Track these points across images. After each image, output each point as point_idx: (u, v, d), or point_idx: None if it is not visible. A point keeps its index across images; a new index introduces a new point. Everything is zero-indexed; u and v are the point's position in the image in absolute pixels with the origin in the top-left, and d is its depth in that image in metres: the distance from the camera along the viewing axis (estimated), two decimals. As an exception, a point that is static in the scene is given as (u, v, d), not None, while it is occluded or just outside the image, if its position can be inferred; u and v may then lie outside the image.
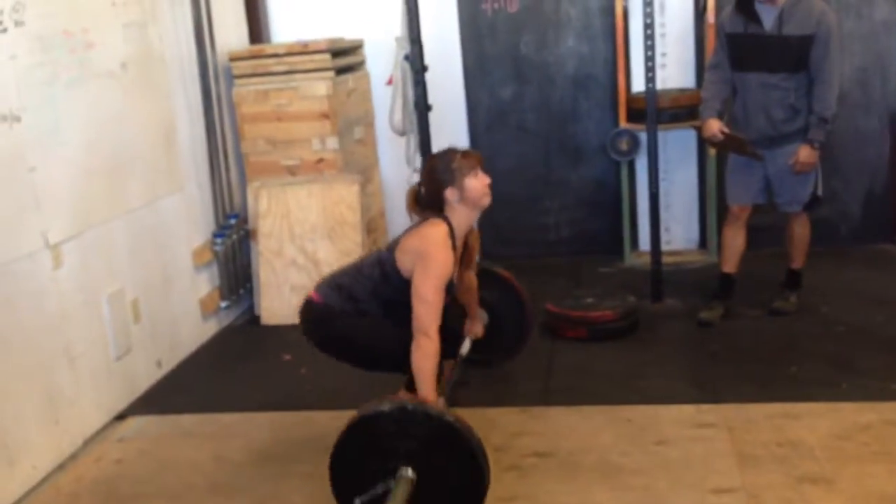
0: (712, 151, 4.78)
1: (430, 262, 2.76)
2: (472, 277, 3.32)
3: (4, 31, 3.09)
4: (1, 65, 3.07)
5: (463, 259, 3.06)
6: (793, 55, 3.84)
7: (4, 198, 3.09)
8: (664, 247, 4.61)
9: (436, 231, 2.83)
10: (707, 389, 3.53)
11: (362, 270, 3.00)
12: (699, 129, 4.22)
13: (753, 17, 3.89)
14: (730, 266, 4.26)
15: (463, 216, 2.90)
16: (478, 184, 2.87)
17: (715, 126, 4.03)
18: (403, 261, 2.86)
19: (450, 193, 2.85)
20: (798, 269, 4.24)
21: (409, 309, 2.79)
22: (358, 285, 2.95)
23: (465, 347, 3.34)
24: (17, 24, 3.16)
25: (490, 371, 3.83)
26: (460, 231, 2.92)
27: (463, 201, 2.87)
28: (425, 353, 2.70)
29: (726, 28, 4.02)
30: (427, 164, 3.00)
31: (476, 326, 3.43)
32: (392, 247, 2.94)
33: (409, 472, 2.48)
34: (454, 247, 2.87)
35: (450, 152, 2.92)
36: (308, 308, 3.02)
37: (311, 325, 3.03)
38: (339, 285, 2.99)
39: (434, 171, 2.89)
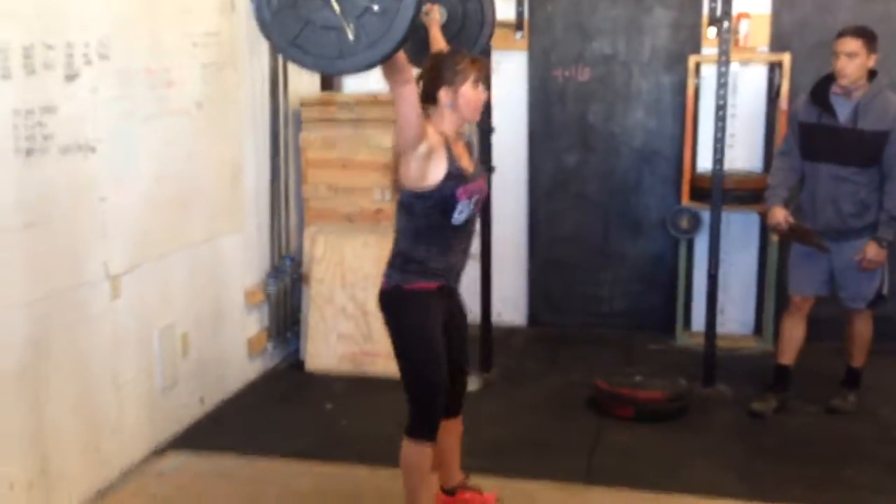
0: (775, 238, 4.70)
1: None
2: None
3: (89, 63, 3.18)
4: (82, 97, 3.15)
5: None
6: (867, 150, 3.79)
7: (74, 225, 3.15)
8: (718, 329, 4.51)
9: None
10: (755, 486, 3.41)
11: (398, 227, 2.80)
12: (764, 215, 4.15)
13: (828, 109, 3.85)
14: (787, 357, 4.15)
15: (449, 123, 2.71)
16: (474, 95, 2.70)
17: (780, 215, 3.98)
18: (408, 177, 2.64)
19: (444, 94, 2.67)
20: (858, 368, 4.11)
21: (449, 227, 2.69)
22: (402, 242, 2.77)
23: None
24: (102, 57, 3.25)
25: (534, 439, 3.77)
26: (447, 133, 2.71)
27: (454, 107, 2.68)
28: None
29: (800, 116, 3.98)
30: (433, 55, 2.78)
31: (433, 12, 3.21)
32: (398, 187, 2.77)
33: None
34: (444, 138, 2.68)
35: (459, 53, 2.77)
36: (381, 298, 2.82)
37: (387, 316, 2.82)
38: (392, 258, 2.81)
39: (437, 67, 2.70)
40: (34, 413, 3.02)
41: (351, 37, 2.19)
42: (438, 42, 3.15)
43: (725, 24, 4.17)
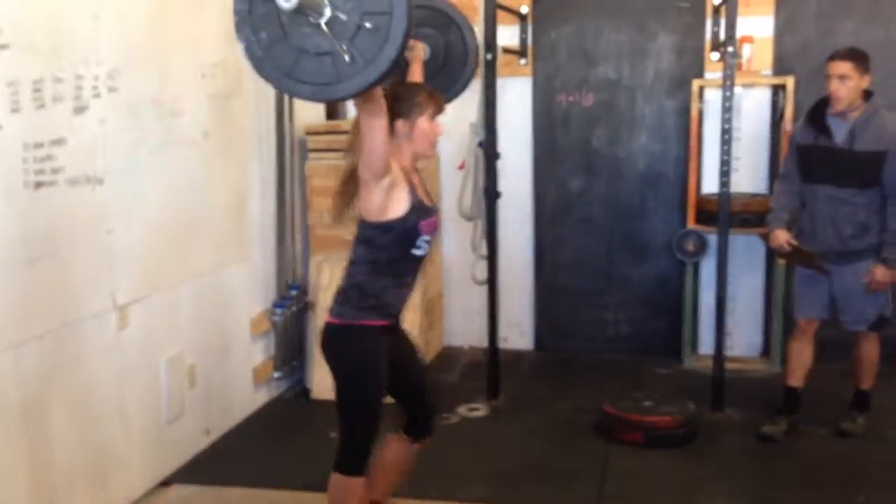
0: (781, 261, 4.70)
1: None
2: None
3: (97, 95, 3.19)
4: (90, 129, 3.16)
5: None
6: (864, 171, 3.78)
7: (82, 258, 3.15)
8: (726, 352, 4.48)
9: None
10: (769, 511, 3.39)
11: (354, 258, 2.75)
12: (766, 238, 4.15)
13: (824, 130, 3.86)
14: (795, 380, 4.13)
15: (403, 154, 2.69)
16: (430, 129, 2.70)
17: (782, 237, 3.98)
18: (369, 210, 2.62)
19: (400, 125, 2.66)
20: (866, 390, 4.09)
21: (408, 260, 2.67)
22: (357, 274, 2.71)
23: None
24: (111, 90, 3.26)
25: (542, 466, 3.74)
26: (403, 164, 2.69)
27: (409, 139, 2.68)
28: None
29: (798, 139, 4.00)
30: (392, 86, 2.71)
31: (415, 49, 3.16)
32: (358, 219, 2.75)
33: None
34: (402, 170, 2.65)
35: (417, 87, 2.78)
36: (326, 336, 2.79)
37: (332, 356, 2.77)
38: (345, 291, 2.74)
39: (395, 98, 2.67)
40: (42, 446, 3.00)
41: (346, 58, 2.15)
42: (417, 78, 3.13)
43: (729, 48, 4.19)
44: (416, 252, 2.71)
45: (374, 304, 2.68)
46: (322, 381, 4.69)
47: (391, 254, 2.66)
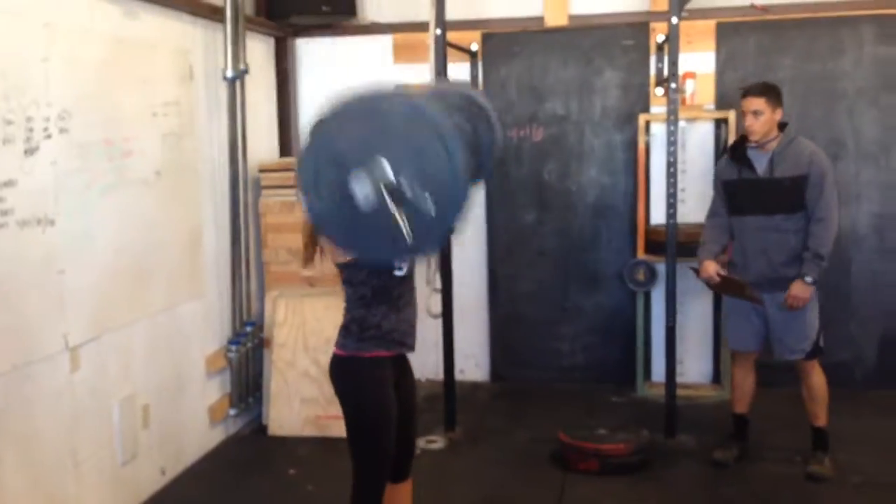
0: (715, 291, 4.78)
1: None
2: None
3: (49, 137, 3.20)
4: (42, 170, 3.16)
5: None
6: (787, 196, 3.91)
7: (32, 300, 3.13)
8: (678, 379, 4.57)
9: None
10: (721, 536, 3.45)
11: (347, 298, 2.80)
12: (696, 272, 4.23)
13: (746, 163, 3.99)
14: (741, 406, 4.22)
15: None
16: None
17: (711, 268, 4.05)
18: (338, 256, 2.70)
19: None
20: (823, 428, 4.07)
21: (393, 283, 2.72)
22: (354, 310, 2.76)
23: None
24: (62, 131, 3.27)
25: (500, 495, 3.77)
26: None
27: None
28: None
29: (723, 176, 4.12)
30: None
31: None
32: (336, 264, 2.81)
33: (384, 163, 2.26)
34: None
35: None
36: (332, 365, 2.83)
37: (338, 383, 2.82)
38: (346, 326, 2.79)
39: None
40: (-8, 491, 2.97)
41: (408, 239, 2.27)
42: None
43: (672, 84, 4.32)
44: (398, 273, 2.75)
45: (374, 334, 2.72)
46: (279, 417, 4.68)
47: (374, 285, 2.70)
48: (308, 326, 4.72)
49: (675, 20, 4.26)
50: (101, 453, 3.56)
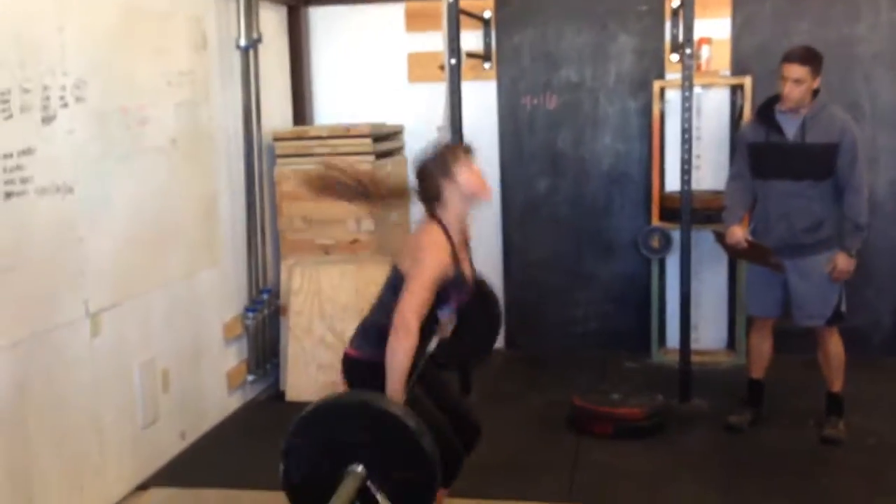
0: (735, 258, 4.79)
1: (425, 258, 2.68)
2: None
3: (65, 106, 3.22)
4: (59, 139, 3.19)
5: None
6: (817, 163, 3.85)
7: (53, 267, 3.18)
8: (692, 345, 4.59)
9: (429, 230, 2.77)
10: (735, 498, 3.49)
11: (381, 300, 2.86)
12: (721, 236, 4.21)
13: (775, 127, 3.92)
14: (757, 372, 4.23)
15: (457, 210, 2.79)
16: (472, 175, 2.78)
17: (739, 233, 4.02)
18: (405, 264, 2.75)
19: (446, 188, 2.76)
20: (838, 393, 4.08)
21: (428, 319, 2.71)
22: (382, 316, 2.77)
23: (432, 345, 3.10)
24: (78, 99, 3.30)
25: (515, 459, 3.82)
26: (455, 226, 2.80)
27: (460, 195, 2.76)
28: (403, 347, 2.59)
29: (748, 138, 4.05)
30: (418, 170, 2.83)
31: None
32: (395, 263, 2.85)
33: (360, 469, 2.48)
34: (451, 242, 2.76)
35: (440, 151, 2.83)
36: (347, 366, 2.91)
37: (354, 384, 2.87)
38: (366, 328, 2.86)
39: (429, 174, 2.79)
40: (19, 454, 3.03)
41: None
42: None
43: (688, 49, 4.29)
44: (440, 315, 2.80)
45: None
46: (296, 383, 4.74)
47: None
48: (324, 294, 4.76)
49: (690, -16, 4.23)
50: (122, 417, 3.62)
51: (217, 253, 4.42)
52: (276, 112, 5.16)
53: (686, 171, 4.38)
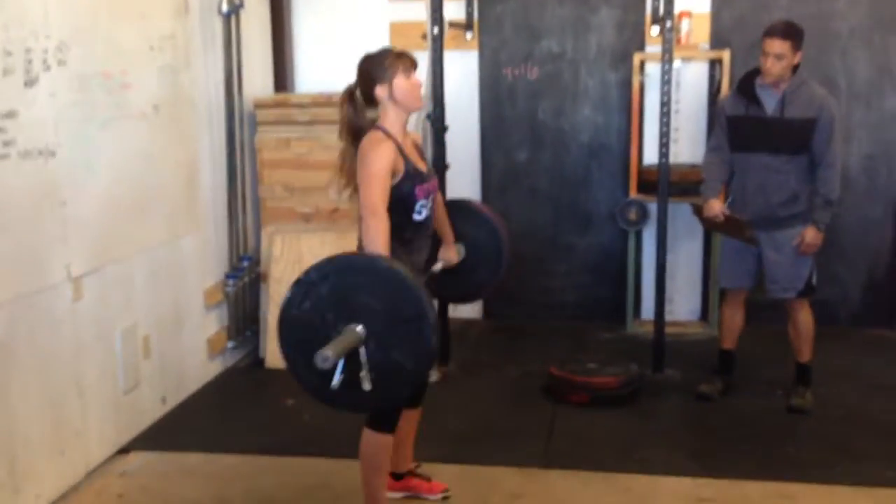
0: (710, 230, 4.86)
1: (369, 154, 2.73)
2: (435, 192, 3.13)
3: (48, 69, 3.21)
4: (41, 102, 3.18)
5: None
6: (795, 137, 3.90)
7: (36, 230, 3.18)
8: (666, 317, 4.67)
9: (369, 135, 2.81)
10: (706, 464, 3.57)
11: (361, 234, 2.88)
12: (698, 209, 4.27)
13: (755, 100, 3.97)
14: (729, 343, 4.32)
15: (394, 116, 2.84)
16: (407, 84, 2.83)
17: (717, 207, 4.07)
18: (359, 177, 2.79)
19: (380, 90, 2.81)
20: (807, 364, 4.18)
21: (410, 226, 2.82)
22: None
23: (437, 267, 3.21)
24: (60, 63, 3.28)
25: (492, 427, 3.89)
26: (396, 129, 2.84)
27: (392, 100, 2.82)
28: (376, 231, 2.65)
29: (727, 111, 4.09)
30: (361, 60, 2.87)
31: (449, 252, 3.29)
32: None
33: (359, 328, 2.43)
34: (395, 140, 2.80)
35: (384, 51, 2.89)
36: None
37: None
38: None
39: (367, 68, 2.84)
40: (1, 417, 3.05)
41: (367, 386, 2.45)
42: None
43: (668, 22, 4.32)
44: (416, 217, 2.84)
45: None
46: (276, 351, 4.74)
47: (392, 220, 2.73)
48: (304, 262, 4.78)
49: (672, -42, 4.25)
50: (104, 381, 3.65)
51: (198, 219, 4.43)
52: (258, 79, 5.14)
53: (664, 144, 4.43)
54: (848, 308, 5.32)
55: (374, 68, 2.82)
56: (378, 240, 2.64)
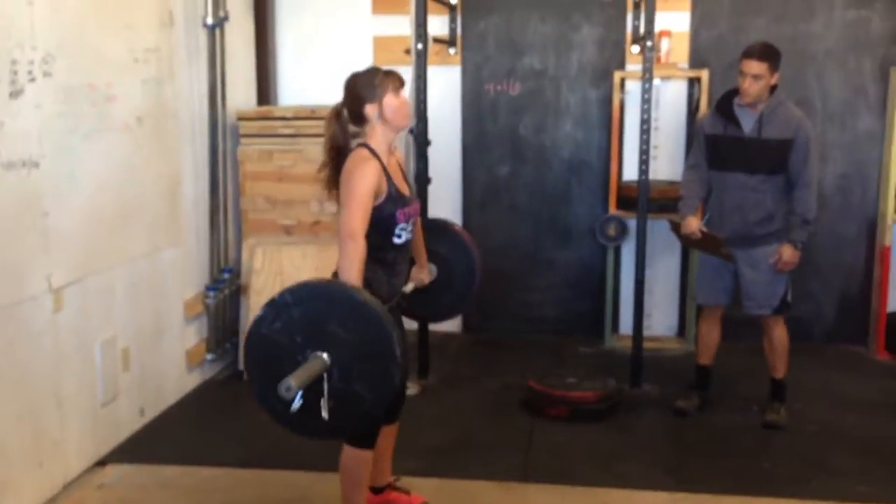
0: (687, 247, 4.92)
1: (354, 173, 2.74)
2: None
3: (33, 80, 3.21)
4: (26, 113, 3.18)
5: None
6: (772, 158, 3.96)
7: (18, 241, 3.17)
8: (644, 332, 4.72)
9: (355, 152, 2.83)
10: (682, 478, 3.62)
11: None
12: (676, 225, 4.33)
13: (733, 120, 4.03)
14: (705, 358, 4.38)
15: (381, 134, 2.86)
16: (397, 102, 2.85)
17: (694, 224, 4.11)
18: (342, 194, 2.80)
19: (369, 109, 2.83)
20: (782, 380, 4.23)
21: (390, 248, 2.82)
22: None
23: (408, 287, 3.23)
24: (46, 74, 3.28)
25: (471, 440, 3.92)
26: (382, 148, 2.86)
27: (382, 119, 2.84)
28: (352, 257, 2.65)
29: (706, 129, 4.15)
30: (349, 78, 2.88)
31: (422, 273, 3.32)
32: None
33: (325, 356, 2.41)
34: (380, 160, 2.82)
35: (372, 70, 2.90)
36: None
37: None
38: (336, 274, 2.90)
39: (355, 87, 2.86)
40: (-22, 427, 3.04)
41: (324, 415, 2.44)
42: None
43: (648, 41, 4.39)
44: (396, 240, 2.85)
45: (366, 288, 2.74)
46: (255, 363, 4.77)
47: (373, 241, 2.75)
48: (285, 274, 4.80)
49: (651, -22, 4.32)
50: (83, 393, 3.63)
51: (180, 231, 4.43)
52: (241, 91, 5.16)
53: (644, 160, 4.49)
54: (822, 325, 5.40)
55: (363, 87, 2.83)
56: (353, 265, 2.64)
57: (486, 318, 5.64)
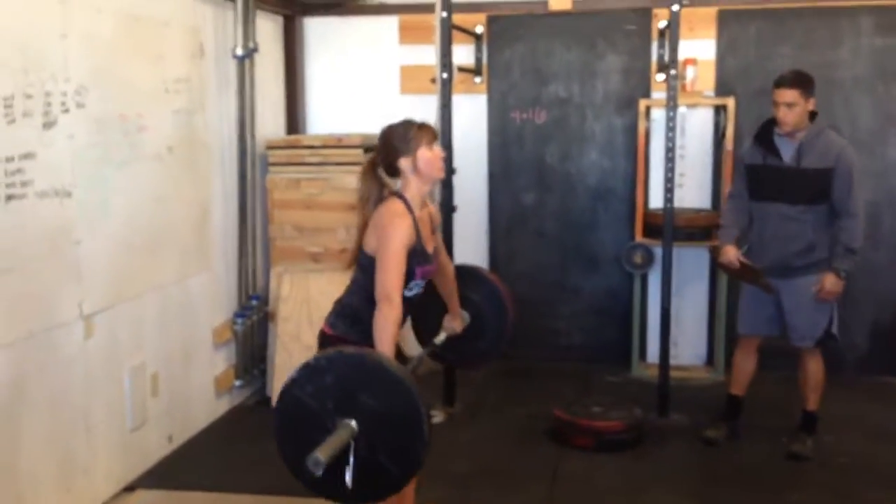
0: (728, 276, 4.89)
1: (388, 230, 2.74)
2: (445, 259, 3.18)
3: (66, 111, 3.29)
4: (59, 143, 3.25)
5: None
6: (812, 187, 3.91)
7: (50, 269, 3.24)
8: (671, 361, 4.69)
9: (389, 205, 2.83)
10: (710, 509, 3.58)
11: (354, 280, 2.94)
12: (715, 253, 4.29)
13: (772, 150, 3.99)
14: (738, 388, 4.32)
15: (416, 187, 2.86)
16: (431, 155, 2.85)
17: (732, 253, 4.08)
18: (370, 244, 2.82)
19: (404, 163, 2.83)
20: (813, 412, 4.17)
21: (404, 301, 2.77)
22: (354, 297, 2.90)
23: (440, 338, 3.22)
24: (79, 105, 3.36)
25: (496, 469, 3.90)
26: (416, 201, 2.87)
27: (416, 172, 2.83)
28: (387, 319, 2.64)
29: (746, 160, 4.12)
30: (384, 132, 2.90)
31: (454, 322, 3.29)
32: (361, 245, 2.90)
33: (353, 423, 2.38)
34: (413, 214, 2.83)
35: (406, 123, 2.90)
36: (322, 342, 2.96)
37: None
38: (341, 307, 2.94)
39: (390, 140, 2.87)
40: (10, 453, 3.08)
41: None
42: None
43: (673, 70, 4.40)
44: (406, 293, 2.83)
45: (363, 329, 2.77)
46: (282, 390, 4.79)
47: None
48: (312, 301, 4.83)
49: (676, 7, 4.32)
50: (111, 419, 3.68)
51: (209, 259, 4.49)
52: (270, 121, 5.24)
53: (669, 188, 4.48)
54: (853, 355, 5.31)
55: (397, 141, 2.85)
56: (388, 331, 2.63)
57: (513, 345, 5.52)
